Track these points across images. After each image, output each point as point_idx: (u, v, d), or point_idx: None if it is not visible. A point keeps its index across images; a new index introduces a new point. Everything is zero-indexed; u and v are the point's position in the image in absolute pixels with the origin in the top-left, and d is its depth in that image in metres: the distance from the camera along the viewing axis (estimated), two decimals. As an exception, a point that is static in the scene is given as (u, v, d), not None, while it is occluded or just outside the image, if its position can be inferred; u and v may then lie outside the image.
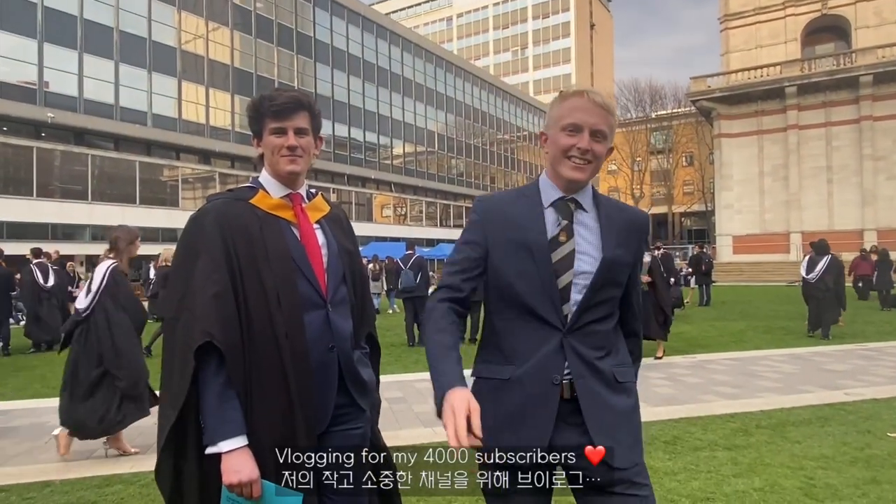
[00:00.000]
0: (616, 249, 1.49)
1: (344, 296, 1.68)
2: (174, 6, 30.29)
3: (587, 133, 1.46)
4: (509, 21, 78.60)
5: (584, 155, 1.47)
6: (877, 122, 30.81)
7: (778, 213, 33.02)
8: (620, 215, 1.56)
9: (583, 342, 1.47)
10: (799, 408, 5.35)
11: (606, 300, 1.50)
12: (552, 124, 1.52)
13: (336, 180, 39.92)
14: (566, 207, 1.52)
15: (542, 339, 1.47)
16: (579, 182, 1.50)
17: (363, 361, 1.73)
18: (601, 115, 1.46)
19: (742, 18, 36.18)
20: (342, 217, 1.83)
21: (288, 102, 1.62)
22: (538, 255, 1.47)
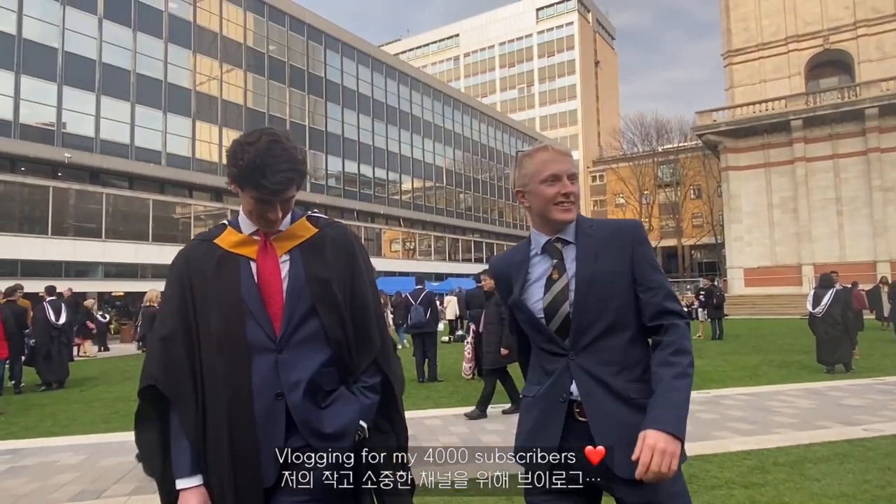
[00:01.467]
0: (595, 264, 1.60)
1: (313, 332, 1.51)
2: (189, 49, 31.24)
3: (565, 178, 1.64)
4: (515, 60, 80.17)
5: (569, 198, 1.64)
6: (884, 153, 30.83)
7: (789, 245, 32.82)
8: (602, 231, 1.67)
9: (592, 360, 1.58)
10: (817, 444, 5.23)
11: (605, 315, 1.58)
12: (529, 181, 1.69)
13: (345, 216, 40.28)
14: (554, 248, 1.68)
15: (554, 362, 1.63)
16: (571, 220, 1.67)
17: (345, 399, 1.53)
18: (568, 162, 1.68)
19: (745, 54, 36.72)
20: (329, 240, 1.62)
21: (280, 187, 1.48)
22: (524, 308, 1.67)
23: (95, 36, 27.58)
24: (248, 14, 34.48)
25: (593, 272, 1.59)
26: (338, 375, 1.55)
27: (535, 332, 1.67)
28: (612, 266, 1.60)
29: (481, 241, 55.12)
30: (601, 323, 1.57)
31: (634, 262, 1.61)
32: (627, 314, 1.60)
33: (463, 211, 53.04)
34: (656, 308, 1.58)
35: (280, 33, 36.49)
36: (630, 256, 1.62)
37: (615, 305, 1.58)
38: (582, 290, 1.58)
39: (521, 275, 1.70)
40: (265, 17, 35.51)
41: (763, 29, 36.08)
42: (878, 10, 33.03)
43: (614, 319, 1.58)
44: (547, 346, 1.64)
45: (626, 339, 1.59)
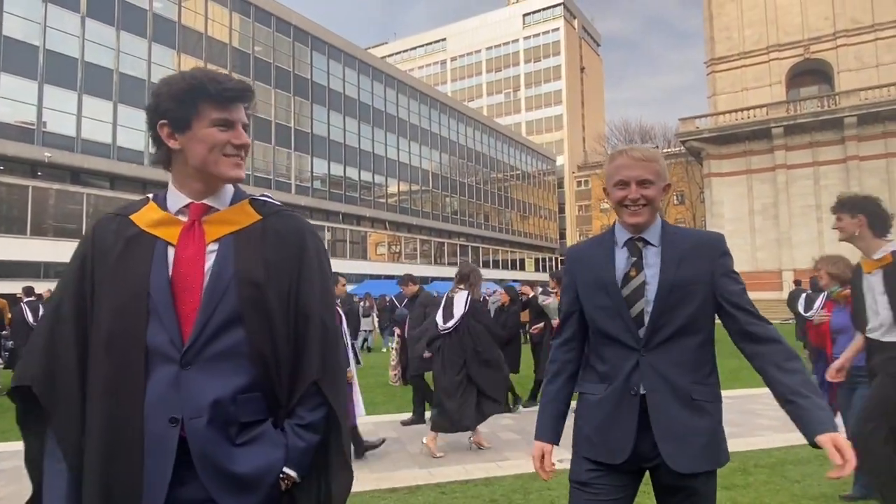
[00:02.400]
0: (677, 272, 1.68)
1: (233, 345, 1.19)
2: (174, 49, 30.96)
3: (634, 185, 1.71)
4: (502, 64, 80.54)
5: (635, 202, 1.71)
6: (863, 161, 31.44)
7: (769, 251, 33.30)
8: (686, 241, 1.74)
9: (661, 359, 1.67)
10: (797, 446, 5.29)
11: (679, 319, 1.66)
12: (607, 182, 1.80)
13: (331, 218, 40.12)
14: (634, 246, 1.75)
15: (624, 358, 1.70)
16: (638, 225, 1.73)
17: (268, 439, 1.21)
18: (643, 167, 1.71)
19: (728, 62, 37.26)
20: (273, 231, 1.30)
21: (241, 88, 1.28)
22: (611, 290, 1.72)
23: (78, 34, 27.21)
24: (233, 14, 34.27)
25: (675, 277, 1.67)
26: (264, 405, 1.23)
27: (614, 318, 1.71)
28: (694, 274, 1.68)
29: (467, 245, 55.18)
30: (675, 324, 1.66)
31: (715, 274, 1.70)
32: (700, 320, 1.69)
33: (449, 214, 53.09)
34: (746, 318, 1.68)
35: (266, 34, 36.30)
36: (711, 267, 1.70)
37: (690, 310, 1.67)
38: (663, 292, 1.67)
39: (608, 262, 1.76)
40: (251, 18, 35.31)
41: (745, 38, 36.65)
42: (857, 21, 33.73)
43: (687, 323, 1.67)
44: (621, 335, 1.70)
45: (697, 343, 1.70)
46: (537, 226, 68.35)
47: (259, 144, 35.03)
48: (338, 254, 40.56)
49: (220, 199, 1.30)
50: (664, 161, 1.79)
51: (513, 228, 63.18)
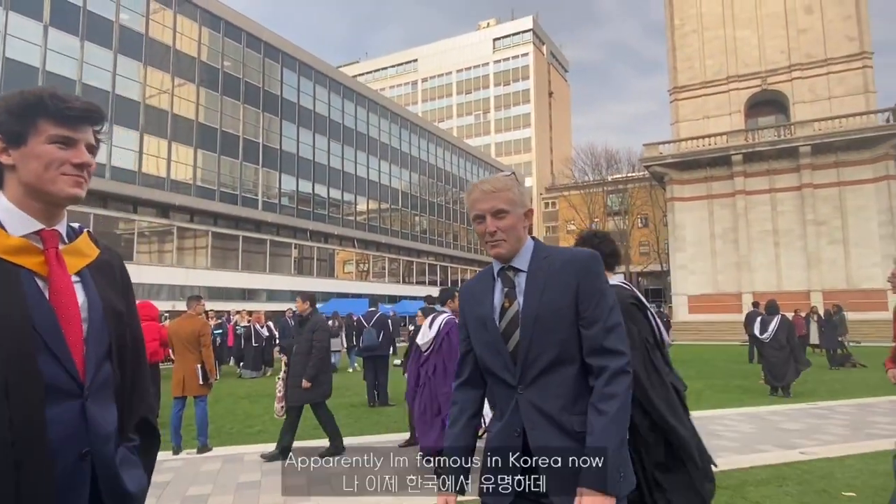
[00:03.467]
0: (541, 298, 1.60)
1: (108, 376, 1.24)
2: (140, 62, 30.45)
3: (489, 217, 1.67)
4: (472, 87, 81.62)
5: (493, 236, 1.67)
6: (817, 189, 32.73)
7: (730, 274, 34.21)
8: (555, 262, 1.66)
9: (539, 394, 1.58)
10: (757, 467, 5.39)
11: (550, 348, 1.58)
12: (471, 219, 1.75)
13: (298, 236, 39.68)
14: (506, 276, 1.70)
15: (506, 396, 1.64)
16: (501, 255, 1.68)
17: (131, 462, 1.28)
18: (494, 198, 1.67)
19: (690, 91, 38.53)
20: (115, 264, 1.36)
21: (86, 109, 1.26)
22: (489, 325, 1.66)
23: (40, 43, 26.55)
24: (203, 29, 33.96)
25: (539, 305, 1.60)
26: None
27: (494, 355, 1.65)
28: (559, 299, 1.60)
29: (436, 265, 55.20)
30: (546, 357, 1.58)
31: (579, 296, 1.60)
32: (572, 348, 1.59)
33: (418, 234, 53.10)
34: (590, 345, 1.58)
35: (236, 49, 36.05)
36: (576, 289, 1.60)
37: (559, 338, 1.58)
38: (527, 324, 1.59)
39: (487, 296, 1.71)
40: (220, 33, 35.05)
41: (707, 68, 38.01)
42: (811, 56, 35.36)
43: (559, 353, 1.58)
44: (502, 373, 1.64)
45: (573, 373, 1.59)
46: (505, 246, 68.75)
47: (226, 160, 34.56)
48: (305, 272, 40.06)
49: (62, 225, 1.29)
50: (518, 187, 1.73)
51: (481, 248, 63.50)
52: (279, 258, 38.46)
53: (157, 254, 31.68)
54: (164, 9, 31.87)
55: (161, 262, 31.34)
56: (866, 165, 31.97)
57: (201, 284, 31.54)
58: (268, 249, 37.34)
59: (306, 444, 6.73)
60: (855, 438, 6.65)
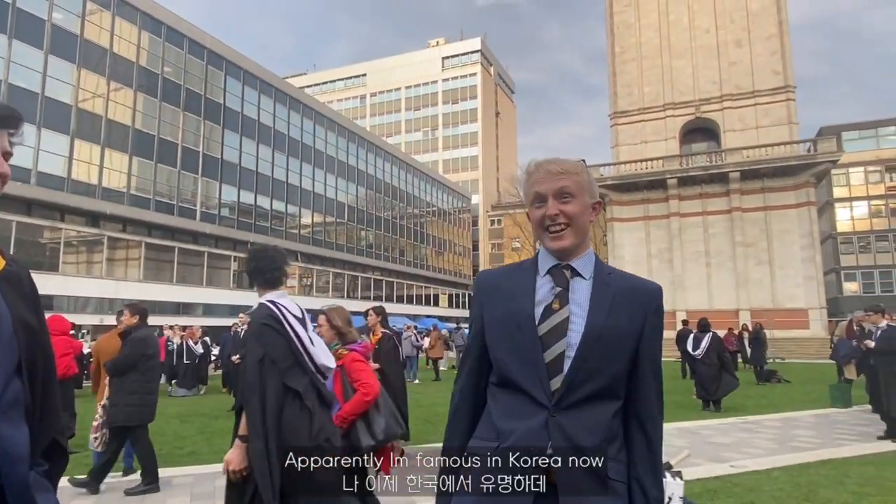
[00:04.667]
0: (608, 318, 1.38)
1: (17, 393, 1.14)
2: (73, 64, 29.06)
3: (551, 199, 1.44)
4: (420, 104, 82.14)
5: (556, 220, 1.44)
6: (745, 213, 34.57)
7: (665, 292, 34.65)
8: (622, 283, 1.45)
9: (574, 422, 1.34)
10: (690, 481, 5.54)
11: (603, 376, 1.37)
12: (527, 204, 1.52)
13: (238, 248, 38.52)
14: (561, 274, 1.45)
15: (529, 415, 1.36)
16: (564, 249, 1.44)
17: (43, 486, 1.18)
18: (560, 178, 1.45)
19: (629, 116, 40.10)
20: (23, 276, 1.27)
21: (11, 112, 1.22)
22: (524, 326, 1.39)
23: (-39, 38, 24.96)
24: (142, 33, 32.80)
25: (605, 325, 1.37)
26: None
27: (525, 364, 1.38)
28: (626, 326, 1.39)
29: (381, 280, 54.76)
30: (596, 383, 1.36)
31: (645, 332, 1.41)
32: (620, 383, 1.40)
33: (364, 248, 52.62)
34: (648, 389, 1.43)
35: (177, 55, 34.97)
36: (643, 322, 1.41)
37: (614, 370, 1.38)
38: (590, 338, 1.36)
39: (528, 291, 1.44)
40: (162, 38, 33.95)
41: (645, 95, 39.69)
42: (740, 87, 37.52)
43: (608, 384, 1.38)
44: (529, 384, 1.37)
45: (613, 410, 1.39)
46: (452, 262, 69.17)
47: (163, 168, 33.30)
48: (244, 285, 38.85)
49: None
50: (590, 175, 1.51)
51: (428, 264, 63.55)
52: (217, 271, 37.21)
53: (85, 265, 30.03)
54: (101, 10, 30.62)
55: (90, 274, 29.71)
56: (790, 192, 34.06)
57: (132, 298, 30.05)
58: (205, 262, 36.07)
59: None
60: (780, 451, 6.96)
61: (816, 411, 10.44)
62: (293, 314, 2.74)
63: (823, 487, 5.26)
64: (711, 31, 38.34)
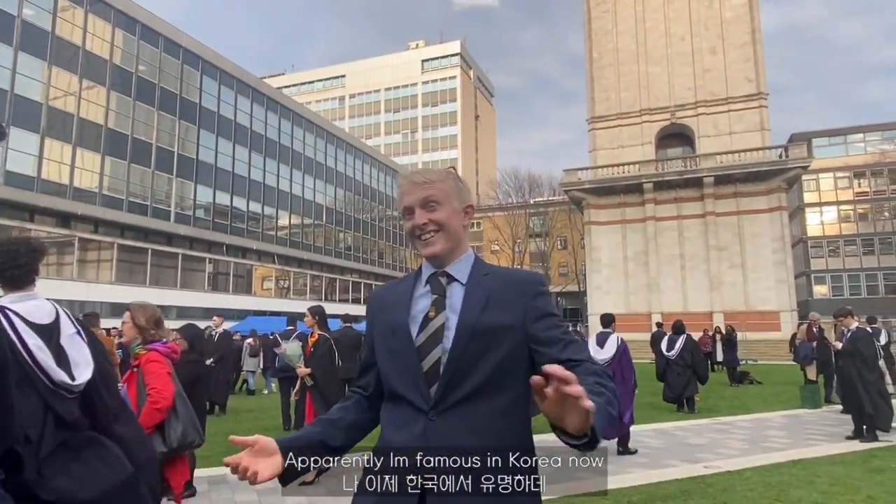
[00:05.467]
0: (481, 315, 1.38)
1: None
2: (45, 61, 28.40)
3: (418, 209, 1.48)
4: (400, 106, 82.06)
5: (425, 229, 1.48)
6: (718, 217, 35.19)
7: (641, 295, 35.97)
8: (497, 280, 1.45)
9: (452, 424, 1.33)
10: (665, 482, 5.61)
11: (481, 372, 1.35)
12: (403, 217, 1.57)
13: (213, 250, 38.00)
14: (437, 282, 1.48)
15: (411, 422, 1.36)
16: (435, 254, 1.48)
17: (1, 497, 1.19)
18: (425, 187, 1.49)
19: (606, 121, 40.55)
20: None
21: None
22: (400, 335, 1.43)
23: (-75, 33, 24.23)
24: (116, 30, 32.21)
25: (477, 322, 1.37)
26: None
27: (403, 372, 1.40)
28: (501, 319, 1.39)
29: (360, 282, 54.47)
30: (475, 379, 1.34)
31: (529, 316, 1.40)
32: (503, 375, 1.36)
33: (342, 250, 52.30)
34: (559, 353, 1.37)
35: (152, 54, 34.41)
36: (524, 310, 1.41)
37: (495, 360, 1.36)
38: (462, 338, 1.36)
39: (405, 304, 1.48)
40: (136, 36, 33.38)
41: (622, 100, 40.18)
42: (714, 94, 38.20)
43: (490, 376, 1.35)
44: (409, 392, 1.38)
45: (501, 406, 1.35)
46: (430, 265, 69.08)
47: (136, 168, 32.71)
48: (219, 288, 38.36)
49: None
50: (456, 181, 1.55)
51: (407, 266, 63.40)
52: (192, 273, 36.62)
53: (55, 266, 29.31)
54: (74, 7, 30.00)
55: (60, 276, 29.01)
56: (762, 196, 34.76)
57: (104, 300, 29.45)
58: (179, 264, 35.49)
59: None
60: (752, 452, 7.08)
61: (787, 412, 10.66)
62: (34, 321, 2.28)
63: (794, 487, 5.36)
64: (686, 38, 38.99)
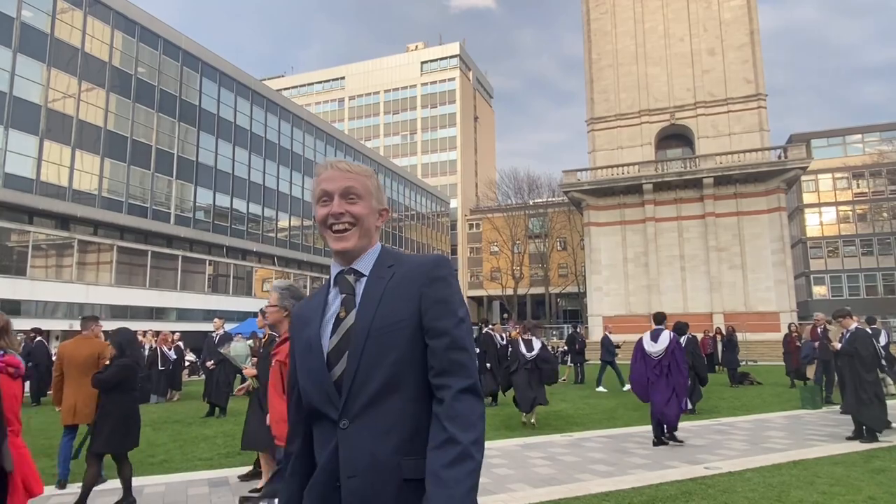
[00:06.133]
0: (377, 309, 1.32)
1: None
2: (43, 63, 28.40)
3: (337, 197, 1.39)
4: (399, 107, 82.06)
5: (340, 219, 1.39)
6: (718, 217, 35.21)
7: (640, 296, 35.96)
8: (399, 270, 1.38)
9: (365, 430, 1.28)
10: (666, 483, 5.60)
11: (382, 371, 1.29)
12: (314, 203, 1.47)
13: (213, 252, 37.98)
14: (345, 281, 1.40)
15: (328, 434, 1.32)
16: (347, 250, 1.39)
17: None
18: (349, 177, 1.42)
19: (606, 122, 40.59)
20: None
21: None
22: (314, 345, 1.35)
23: (-76, 35, 24.21)
24: (115, 32, 32.21)
25: (373, 318, 1.32)
26: None
27: (316, 386, 1.33)
28: (396, 311, 1.32)
29: (358, 284, 54.43)
30: (377, 381, 1.28)
31: (423, 305, 1.33)
32: (407, 369, 1.30)
33: (341, 252, 52.24)
34: (438, 362, 1.30)
35: (151, 56, 34.41)
36: (418, 298, 1.33)
37: (393, 358, 1.29)
38: (357, 341, 1.30)
39: (318, 311, 1.40)
40: (135, 38, 33.38)
41: (621, 101, 40.22)
42: (713, 95, 38.24)
43: (391, 376, 1.29)
44: (323, 406, 1.32)
45: (404, 401, 1.29)
46: (429, 266, 69.05)
47: (136, 170, 32.70)
48: (219, 290, 38.34)
49: None
50: (378, 183, 1.50)
51: (405, 268, 63.36)
52: (191, 275, 36.60)
53: (54, 269, 29.28)
54: (73, 9, 29.99)
55: (59, 278, 28.99)
56: (761, 197, 34.78)
57: (103, 302, 29.42)
58: (179, 266, 35.46)
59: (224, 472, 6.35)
60: (753, 453, 7.07)
61: (787, 413, 10.64)
62: None
63: (795, 488, 5.36)
64: (685, 39, 39.03)
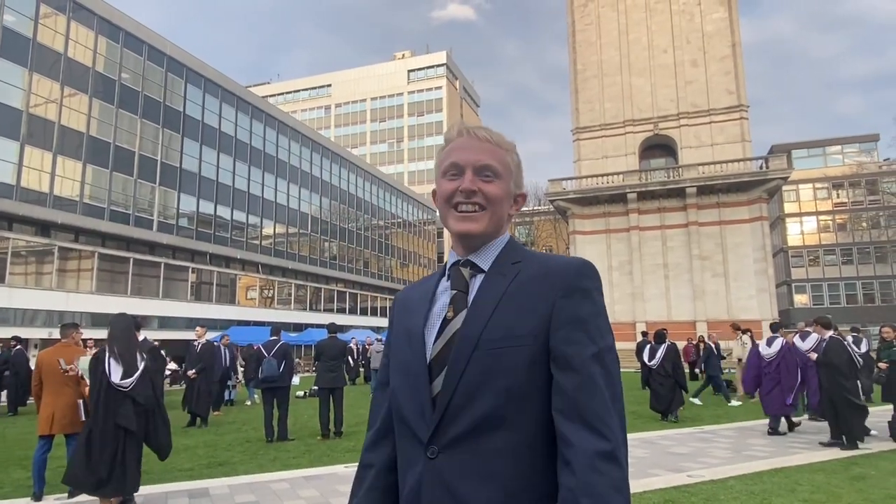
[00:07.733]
0: (492, 316, 1.04)
1: None
2: (25, 67, 28.05)
3: (470, 172, 1.13)
4: (386, 115, 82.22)
5: (469, 198, 1.12)
6: (701, 226, 35.60)
7: (625, 304, 36.19)
8: (528, 270, 1.09)
9: (458, 467, 0.99)
10: (650, 492, 5.62)
11: (483, 399, 1.00)
12: (437, 175, 1.20)
13: (197, 259, 37.62)
14: (459, 274, 1.14)
15: (412, 460, 1.06)
16: (472, 234, 1.12)
17: None
18: (486, 150, 1.15)
19: (591, 132, 40.95)
20: None
21: None
22: (414, 344, 1.10)
23: None
24: (99, 38, 31.93)
25: (485, 326, 1.03)
26: None
27: (409, 390, 1.08)
28: (517, 322, 1.03)
29: (345, 291, 54.20)
30: (477, 410, 0.99)
31: (553, 322, 1.02)
32: (520, 404, 0.99)
33: (327, 259, 52.04)
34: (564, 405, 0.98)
35: (136, 61, 34.15)
36: (549, 311, 1.03)
37: (503, 386, 0.99)
38: (463, 351, 1.03)
39: (425, 301, 1.16)
40: (119, 43, 33.12)
41: (605, 111, 40.62)
42: (696, 106, 38.77)
43: (495, 408, 0.99)
44: (414, 420, 1.06)
45: (513, 444, 0.99)
46: (417, 273, 69.04)
47: (118, 176, 32.34)
48: (203, 297, 37.94)
49: None
50: (519, 160, 1.23)
51: (392, 276, 63.25)
52: (174, 283, 36.19)
53: (34, 276, 28.80)
54: (56, 14, 29.70)
55: (38, 285, 28.51)
56: (743, 207, 35.24)
57: (84, 310, 28.98)
58: (162, 273, 35.06)
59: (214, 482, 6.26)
60: (735, 461, 7.12)
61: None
62: None
63: (776, 495, 5.40)
64: (669, 50, 39.57)
